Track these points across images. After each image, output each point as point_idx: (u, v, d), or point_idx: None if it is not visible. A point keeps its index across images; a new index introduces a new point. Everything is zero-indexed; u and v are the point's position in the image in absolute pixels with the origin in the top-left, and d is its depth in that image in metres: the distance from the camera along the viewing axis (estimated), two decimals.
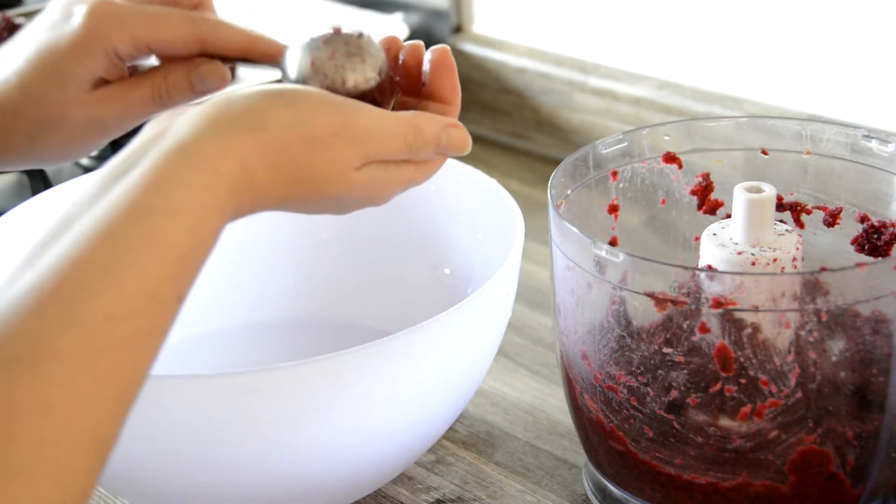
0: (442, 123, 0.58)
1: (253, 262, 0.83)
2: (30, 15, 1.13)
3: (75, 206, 0.47)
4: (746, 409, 0.59)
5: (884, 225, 0.66)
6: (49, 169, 0.98)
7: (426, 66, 0.60)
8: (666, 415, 0.61)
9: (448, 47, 0.60)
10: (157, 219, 0.47)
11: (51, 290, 0.44)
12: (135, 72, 0.64)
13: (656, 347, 0.61)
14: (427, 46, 0.61)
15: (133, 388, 0.45)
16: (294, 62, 0.58)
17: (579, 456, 0.73)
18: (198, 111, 0.51)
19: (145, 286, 0.46)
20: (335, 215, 0.58)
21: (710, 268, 0.64)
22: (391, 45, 0.61)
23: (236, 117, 0.51)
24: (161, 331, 0.47)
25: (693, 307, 0.59)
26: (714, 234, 0.65)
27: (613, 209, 0.71)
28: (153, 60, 0.64)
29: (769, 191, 0.64)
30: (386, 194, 0.57)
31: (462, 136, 0.59)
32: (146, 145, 0.50)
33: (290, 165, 0.53)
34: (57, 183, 0.87)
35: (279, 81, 0.59)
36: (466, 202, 0.78)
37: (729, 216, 0.68)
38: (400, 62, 0.61)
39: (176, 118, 0.51)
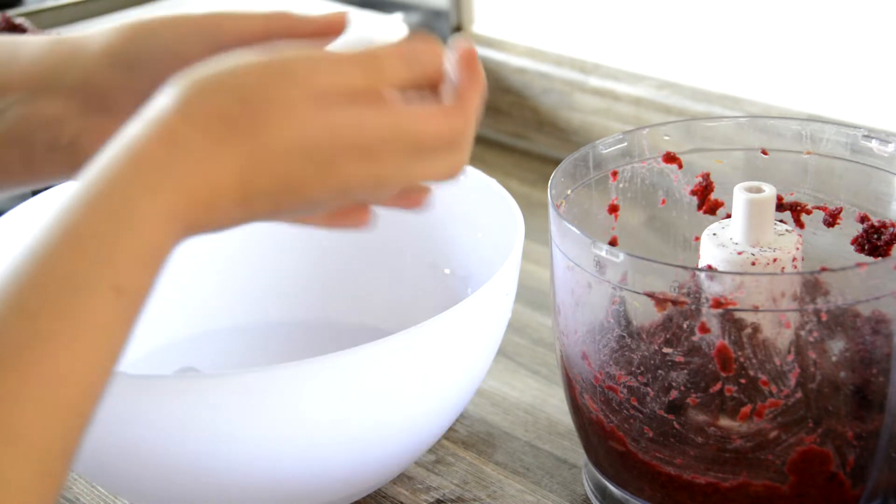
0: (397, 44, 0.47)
1: (254, 263, 0.83)
2: (30, 15, 1.13)
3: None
4: (746, 409, 0.59)
5: (884, 225, 0.66)
6: None
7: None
8: (666, 415, 0.61)
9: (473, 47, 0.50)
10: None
11: None
12: None
13: (656, 347, 0.61)
14: None
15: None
16: None
17: (579, 456, 0.73)
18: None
19: None
20: (311, 209, 0.47)
21: (710, 268, 0.64)
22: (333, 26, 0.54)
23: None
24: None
25: (693, 307, 0.59)
26: (714, 234, 0.65)
27: (613, 209, 0.71)
28: None
29: (769, 191, 0.64)
30: (367, 146, 0.46)
31: (429, 46, 0.48)
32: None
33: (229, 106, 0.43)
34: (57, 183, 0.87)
35: None
36: (466, 202, 0.78)
37: (729, 216, 0.68)
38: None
39: None
